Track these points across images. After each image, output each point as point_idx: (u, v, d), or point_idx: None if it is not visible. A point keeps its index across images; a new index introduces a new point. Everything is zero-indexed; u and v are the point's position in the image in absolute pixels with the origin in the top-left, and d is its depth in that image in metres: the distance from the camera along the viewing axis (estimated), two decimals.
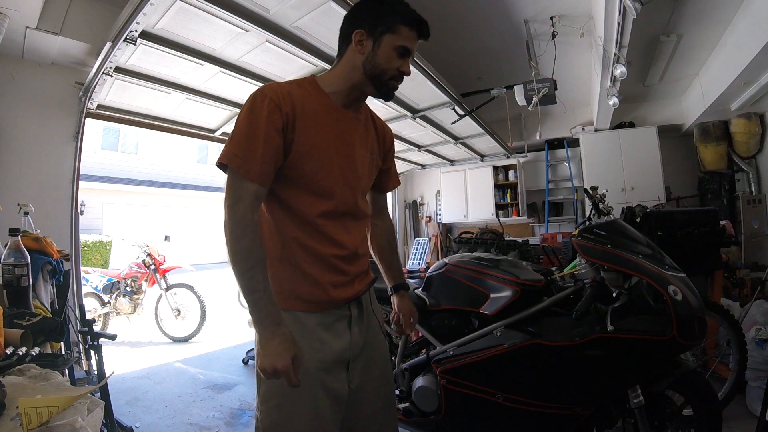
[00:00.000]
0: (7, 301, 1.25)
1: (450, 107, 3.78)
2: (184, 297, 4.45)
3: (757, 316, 2.35)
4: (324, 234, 0.97)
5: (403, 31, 0.97)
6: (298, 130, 0.93)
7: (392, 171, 1.23)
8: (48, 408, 0.64)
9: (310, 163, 0.94)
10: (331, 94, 1.00)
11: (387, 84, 1.00)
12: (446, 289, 1.81)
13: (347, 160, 1.01)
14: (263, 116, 0.88)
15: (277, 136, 0.90)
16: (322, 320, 0.98)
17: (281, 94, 0.92)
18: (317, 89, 1.00)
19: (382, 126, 1.17)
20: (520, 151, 5.84)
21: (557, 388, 1.45)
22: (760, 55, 2.98)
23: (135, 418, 2.43)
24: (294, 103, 0.93)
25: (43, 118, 2.88)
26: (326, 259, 0.97)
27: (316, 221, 0.96)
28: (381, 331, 1.12)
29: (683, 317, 1.29)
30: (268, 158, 0.88)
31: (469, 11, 3.27)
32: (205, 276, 5.22)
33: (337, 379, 0.98)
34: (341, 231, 1.00)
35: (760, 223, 4.06)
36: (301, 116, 0.93)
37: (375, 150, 1.11)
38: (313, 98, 0.98)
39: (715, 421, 1.41)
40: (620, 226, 1.57)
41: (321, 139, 0.96)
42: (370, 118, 1.12)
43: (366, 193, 1.11)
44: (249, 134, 0.88)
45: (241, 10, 2.13)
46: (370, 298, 1.12)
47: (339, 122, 1.01)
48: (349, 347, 1.01)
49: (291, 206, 0.96)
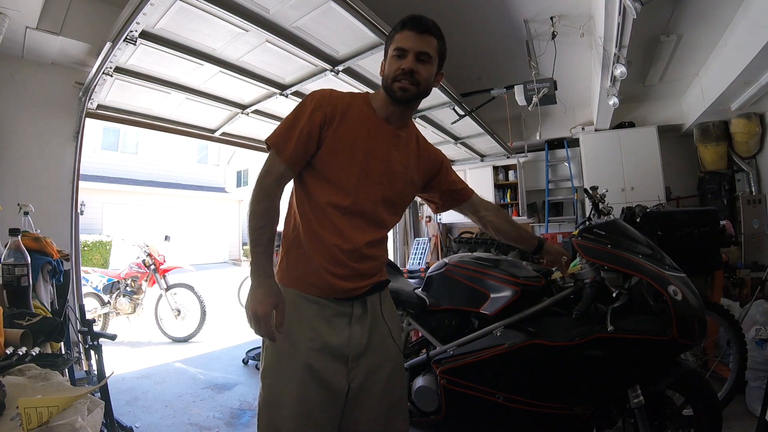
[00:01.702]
0: (7, 301, 1.25)
1: (450, 107, 3.78)
2: (184, 297, 4.45)
3: (757, 316, 2.35)
4: (333, 224, 1.04)
5: (396, 36, 1.06)
6: (335, 129, 1.04)
7: (458, 183, 1.32)
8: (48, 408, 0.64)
9: (338, 161, 1.05)
10: (377, 109, 1.11)
11: (391, 87, 1.06)
12: (446, 289, 1.81)
13: (374, 167, 1.08)
14: (307, 113, 1.03)
15: (313, 131, 1.03)
16: (320, 312, 1.03)
17: (329, 97, 1.06)
18: (366, 102, 1.12)
19: (427, 148, 1.23)
20: (520, 151, 5.83)
21: (557, 388, 1.45)
22: (760, 55, 2.98)
23: (135, 418, 2.42)
24: (337, 106, 1.06)
25: (43, 118, 2.88)
26: (329, 249, 1.03)
27: (328, 210, 1.04)
28: (391, 338, 1.11)
29: (683, 317, 1.29)
30: (299, 147, 1.02)
31: (469, 11, 3.27)
32: (205, 276, 5.22)
33: (332, 371, 1.01)
34: (350, 227, 1.06)
35: (760, 223, 4.05)
36: (341, 119, 1.05)
37: (413, 169, 1.16)
38: (359, 108, 1.09)
39: (715, 421, 1.41)
40: (620, 226, 1.57)
41: (352, 142, 1.06)
42: (414, 139, 1.19)
43: (397, 206, 1.17)
44: (290, 125, 1.04)
45: (241, 10, 2.13)
46: (381, 302, 1.12)
47: (376, 132, 1.09)
48: (348, 344, 1.03)
49: (311, 192, 1.06)
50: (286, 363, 1.01)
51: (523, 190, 6.04)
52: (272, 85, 3.09)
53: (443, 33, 1.09)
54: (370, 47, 2.57)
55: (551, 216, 5.95)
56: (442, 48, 1.09)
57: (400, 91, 1.05)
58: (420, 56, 1.04)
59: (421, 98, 1.12)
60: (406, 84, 1.04)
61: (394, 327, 1.14)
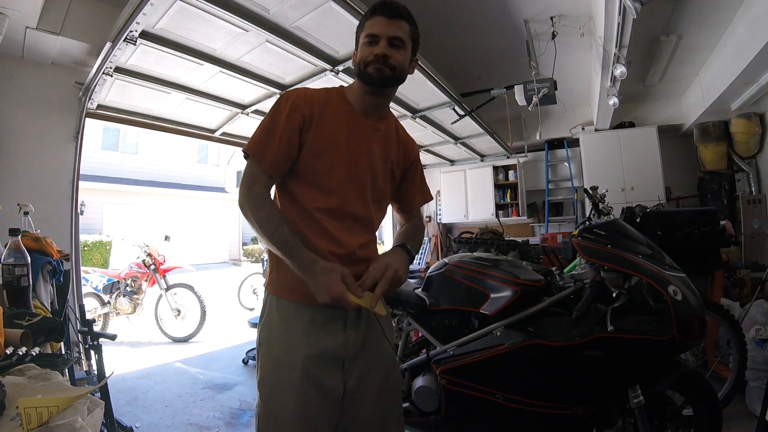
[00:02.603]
0: (7, 301, 1.24)
1: (450, 107, 3.78)
2: (184, 297, 4.45)
3: (757, 316, 2.35)
4: (323, 229, 1.01)
5: (367, 23, 1.03)
6: (314, 130, 1.01)
7: (416, 186, 1.22)
8: (48, 408, 0.64)
9: (320, 163, 1.01)
10: (353, 102, 1.07)
11: (365, 71, 1.01)
12: (446, 289, 1.81)
13: (358, 164, 1.04)
14: (284, 116, 1.00)
15: (293, 135, 0.99)
16: (314, 317, 1.00)
17: (305, 97, 1.02)
18: (342, 96, 1.07)
19: (407, 139, 1.19)
20: (520, 151, 5.83)
21: (557, 388, 1.45)
22: (760, 55, 2.98)
23: (135, 418, 2.42)
24: (315, 106, 1.02)
25: (43, 118, 2.88)
26: (323, 256, 0.98)
27: (316, 215, 1.01)
28: (385, 339, 1.08)
29: (683, 317, 1.29)
30: (280, 152, 0.99)
31: (469, 11, 3.27)
32: (205, 276, 5.22)
33: (329, 374, 0.99)
34: (341, 230, 1.02)
35: (760, 223, 4.06)
36: (320, 119, 1.01)
37: (393, 162, 1.13)
38: (336, 104, 1.05)
39: (715, 421, 1.41)
40: (620, 226, 1.57)
41: (334, 142, 1.02)
42: (394, 131, 1.15)
43: (382, 202, 1.13)
44: (268, 130, 1.00)
45: (241, 10, 2.13)
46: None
47: (357, 128, 1.05)
48: (344, 346, 1.01)
49: (297, 199, 1.02)
50: (283, 372, 0.99)
51: (523, 190, 6.05)
52: (272, 85, 3.09)
53: (444, 32, 1.08)
54: None
55: (551, 216, 5.95)
56: (414, 33, 1.05)
57: (375, 71, 1.00)
58: (392, 41, 1.00)
59: (397, 84, 1.06)
60: (380, 66, 0.99)
61: (387, 327, 1.12)
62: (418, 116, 4.01)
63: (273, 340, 1.02)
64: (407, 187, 1.21)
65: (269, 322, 1.04)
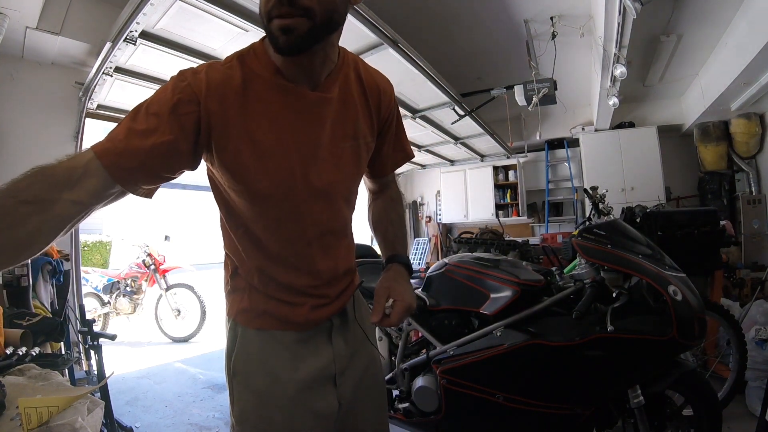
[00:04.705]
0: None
1: (450, 107, 3.78)
2: (184, 297, 4.45)
3: (757, 316, 2.35)
4: (293, 265, 0.82)
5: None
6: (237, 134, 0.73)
7: (390, 145, 0.94)
8: (48, 408, 0.64)
9: (264, 172, 0.74)
10: (283, 69, 0.74)
11: (270, 28, 0.67)
12: (446, 289, 1.81)
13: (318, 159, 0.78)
14: (168, 112, 0.77)
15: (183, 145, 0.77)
16: (299, 337, 0.86)
17: (207, 86, 0.72)
18: (266, 66, 0.74)
19: (375, 89, 0.86)
20: (520, 151, 5.83)
21: (557, 388, 1.45)
22: (760, 55, 2.98)
23: (135, 418, 2.42)
24: (227, 96, 0.72)
25: (43, 118, 2.88)
26: (299, 289, 0.84)
27: (282, 254, 0.81)
28: (368, 341, 0.97)
29: (683, 317, 1.29)
30: (150, 167, 0.77)
31: (469, 11, 3.27)
32: (205, 276, 5.21)
33: (322, 397, 0.86)
34: (317, 255, 0.83)
35: (760, 223, 4.06)
36: (241, 112, 0.73)
37: (364, 131, 0.85)
38: (261, 82, 0.74)
39: (715, 421, 1.41)
40: (620, 226, 1.57)
41: (275, 138, 0.74)
42: (354, 88, 0.83)
43: (352, 195, 0.90)
44: (135, 131, 0.76)
45: (240, 10, 2.13)
46: (354, 302, 0.97)
47: (300, 110, 0.75)
48: (333, 361, 0.88)
49: (257, 236, 0.81)
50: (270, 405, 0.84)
51: (523, 190, 6.05)
52: None
53: (444, 32, 1.04)
54: (370, 47, 2.57)
55: (551, 216, 5.95)
56: None
57: (282, 33, 0.65)
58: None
59: (325, 31, 0.70)
60: (285, 11, 0.63)
61: (368, 329, 1.00)
62: (418, 116, 4.00)
63: (252, 370, 0.86)
64: (379, 147, 0.91)
65: (245, 352, 0.86)
